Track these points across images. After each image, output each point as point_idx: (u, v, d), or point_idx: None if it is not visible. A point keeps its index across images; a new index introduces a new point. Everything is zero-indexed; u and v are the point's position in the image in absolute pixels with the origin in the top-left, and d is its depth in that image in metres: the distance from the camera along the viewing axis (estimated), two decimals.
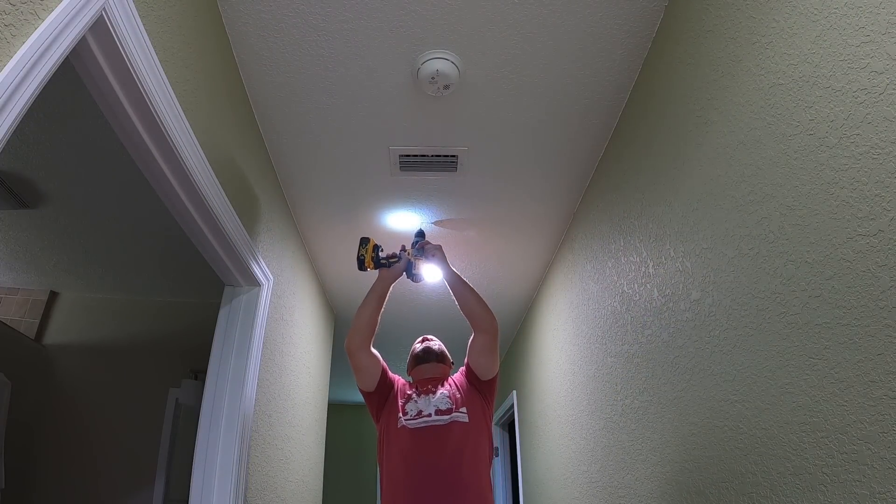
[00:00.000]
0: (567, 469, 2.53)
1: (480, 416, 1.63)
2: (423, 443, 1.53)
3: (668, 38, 1.48)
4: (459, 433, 1.55)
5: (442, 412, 1.58)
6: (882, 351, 0.74)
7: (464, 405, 1.61)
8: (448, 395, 1.63)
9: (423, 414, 1.59)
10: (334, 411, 6.63)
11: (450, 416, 1.57)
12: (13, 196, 2.18)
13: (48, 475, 2.70)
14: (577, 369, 2.38)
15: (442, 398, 1.61)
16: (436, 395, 1.63)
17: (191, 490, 1.58)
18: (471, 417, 1.59)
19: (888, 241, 0.73)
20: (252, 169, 1.85)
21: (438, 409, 1.59)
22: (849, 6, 0.82)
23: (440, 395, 1.62)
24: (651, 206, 1.58)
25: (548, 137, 1.99)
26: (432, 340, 1.85)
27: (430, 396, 1.63)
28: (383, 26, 1.53)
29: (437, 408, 1.60)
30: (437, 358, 1.77)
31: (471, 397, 1.64)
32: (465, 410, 1.60)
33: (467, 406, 1.61)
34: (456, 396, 1.63)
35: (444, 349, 1.84)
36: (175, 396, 2.90)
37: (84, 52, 0.96)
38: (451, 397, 1.63)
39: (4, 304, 3.01)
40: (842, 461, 0.81)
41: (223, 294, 1.88)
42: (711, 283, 1.22)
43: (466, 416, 1.59)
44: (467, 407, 1.61)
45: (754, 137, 1.06)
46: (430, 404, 1.61)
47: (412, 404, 1.63)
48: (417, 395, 1.65)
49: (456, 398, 1.63)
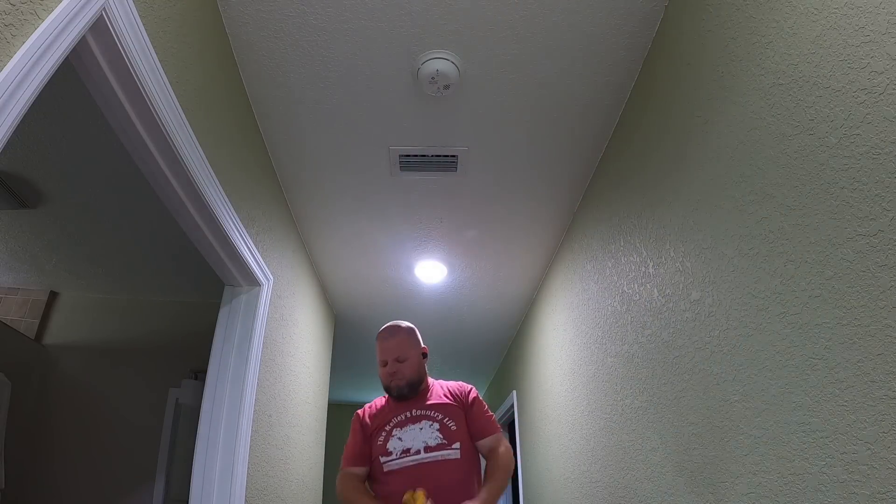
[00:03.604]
0: (567, 469, 2.53)
1: (473, 448, 1.56)
2: (412, 483, 1.43)
3: (668, 38, 1.48)
4: (451, 469, 1.47)
5: (431, 448, 1.48)
6: (882, 351, 0.74)
7: (457, 440, 1.51)
8: (439, 428, 1.51)
9: (410, 452, 1.49)
10: (334, 411, 6.64)
11: (440, 452, 1.48)
12: (13, 196, 2.18)
13: (48, 475, 2.70)
14: (577, 369, 2.38)
15: (432, 432, 1.50)
16: (422, 423, 1.51)
17: (191, 490, 1.58)
18: (463, 453, 1.50)
19: (888, 241, 0.73)
20: (252, 169, 1.85)
21: (428, 445, 1.49)
22: (849, 6, 0.82)
23: (428, 427, 1.51)
24: (651, 206, 1.58)
25: (548, 137, 1.99)
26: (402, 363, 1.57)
27: (417, 427, 1.51)
28: (383, 26, 1.53)
29: (425, 444, 1.49)
30: (412, 389, 1.59)
31: (465, 428, 1.55)
32: (457, 447, 1.50)
33: (461, 441, 1.51)
34: (449, 428, 1.52)
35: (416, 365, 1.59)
36: (175, 396, 2.90)
37: (84, 52, 0.96)
38: (442, 429, 1.51)
39: (4, 304, 3.01)
40: (842, 461, 0.81)
41: (223, 294, 1.88)
42: (711, 283, 1.22)
43: (458, 453, 1.49)
44: (461, 442, 1.51)
45: (754, 137, 1.06)
46: (418, 439, 1.50)
47: (395, 442, 1.52)
48: (401, 426, 1.53)
49: (449, 431, 1.51)
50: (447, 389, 1.66)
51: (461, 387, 1.68)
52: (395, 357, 1.58)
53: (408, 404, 1.59)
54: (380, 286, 3.24)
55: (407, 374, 1.58)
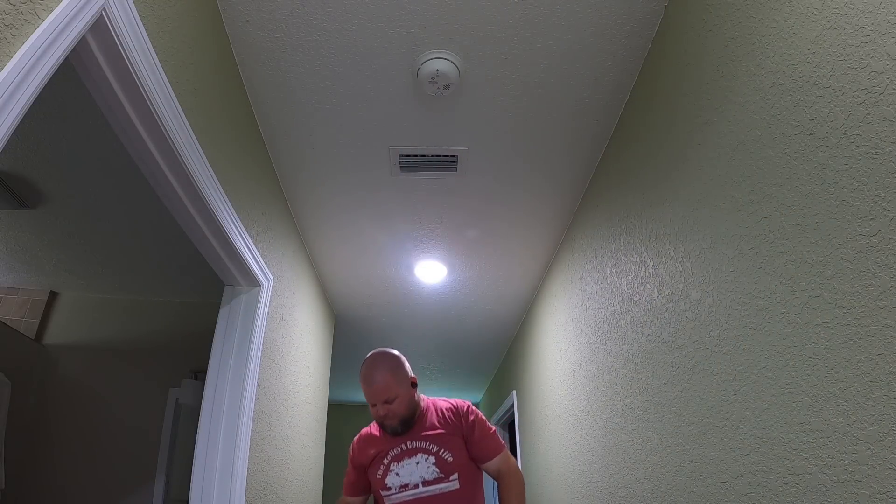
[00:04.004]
0: (567, 469, 2.53)
1: (473, 472, 1.54)
2: None
3: (668, 38, 1.48)
4: (452, 499, 1.46)
5: (429, 482, 1.47)
6: (882, 351, 0.74)
7: (455, 471, 1.49)
8: (434, 461, 1.50)
9: (408, 487, 1.48)
10: (334, 411, 6.64)
11: (438, 486, 1.47)
12: (13, 196, 2.18)
13: (48, 475, 2.70)
14: (577, 369, 2.38)
15: (428, 466, 1.49)
16: (417, 457, 1.50)
17: (191, 490, 1.58)
18: (463, 482, 1.49)
19: (888, 241, 0.73)
20: (252, 169, 1.85)
21: (425, 479, 1.48)
22: (849, 6, 0.82)
23: (424, 461, 1.49)
24: (651, 205, 1.58)
25: (548, 137, 1.99)
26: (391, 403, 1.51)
27: (413, 461, 1.50)
28: (383, 26, 1.53)
29: (423, 478, 1.48)
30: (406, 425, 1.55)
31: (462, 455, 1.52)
32: (455, 477, 1.48)
33: (459, 471, 1.49)
34: (445, 461, 1.50)
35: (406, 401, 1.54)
36: (175, 396, 2.90)
37: (84, 52, 0.96)
38: (438, 463, 1.49)
39: (4, 304, 3.02)
40: (842, 461, 0.81)
41: (223, 294, 1.88)
42: (711, 283, 1.22)
43: (457, 483, 1.48)
44: (459, 472, 1.49)
45: (754, 137, 1.06)
46: (415, 474, 1.49)
47: (392, 477, 1.51)
48: (397, 460, 1.52)
49: (445, 463, 1.49)
50: (441, 413, 1.61)
51: (456, 409, 1.62)
52: (383, 399, 1.52)
53: (402, 437, 1.57)
54: (380, 286, 3.24)
55: (398, 412, 1.53)
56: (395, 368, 1.55)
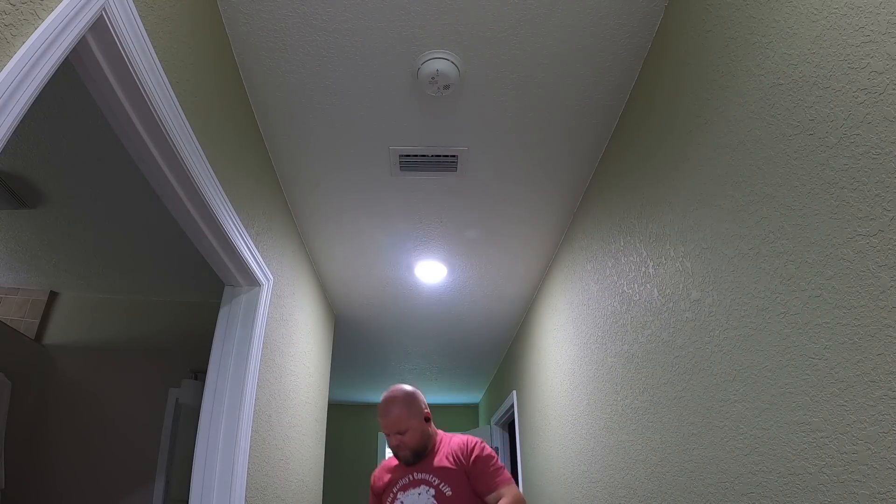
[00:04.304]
0: (567, 469, 2.53)
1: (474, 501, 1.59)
2: None
3: (668, 38, 1.48)
4: None
5: None
6: (882, 351, 0.74)
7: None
8: (434, 494, 1.56)
9: None
10: (334, 411, 6.64)
11: None
12: (13, 196, 2.18)
13: (48, 475, 2.70)
14: (577, 369, 2.38)
15: (428, 498, 1.55)
16: (419, 489, 1.57)
17: (191, 490, 1.58)
18: None
19: (888, 241, 0.73)
20: (252, 169, 1.85)
21: None
22: (849, 6, 0.82)
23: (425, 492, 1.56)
24: (651, 205, 1.58)
25: (548, 137, 1.99)
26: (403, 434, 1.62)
27: (416, 492, 1.57)
28: (383, 26, 1.53)
29: None
30: (417, 456, 1.65)
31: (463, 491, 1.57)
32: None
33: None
34: (444, 494, 1.56)
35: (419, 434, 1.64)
36: (175, 396, 2.90)
37: (84, 52, 0.96)
38: (437, 496, 1.55)
39: (4, 304, 3.02)
40: (842, 461, 0.81)
41: (223, 294, 1.88)
42: (711, 284, 1.22)
43: None
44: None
45: (754, 137, 1.06)
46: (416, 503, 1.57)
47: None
48: (404, 490, 1.61)
49: (443, 497, 1.55)
50: (452, 449, 1.67)
51: (465, 445, 1.67)
52: (396, 431, 1.62)
53: (413, 467, 1.65)
54: (380, 286, 3.24)
55: (410, 444, 1.63)
56: (409, 403, 1.66)
